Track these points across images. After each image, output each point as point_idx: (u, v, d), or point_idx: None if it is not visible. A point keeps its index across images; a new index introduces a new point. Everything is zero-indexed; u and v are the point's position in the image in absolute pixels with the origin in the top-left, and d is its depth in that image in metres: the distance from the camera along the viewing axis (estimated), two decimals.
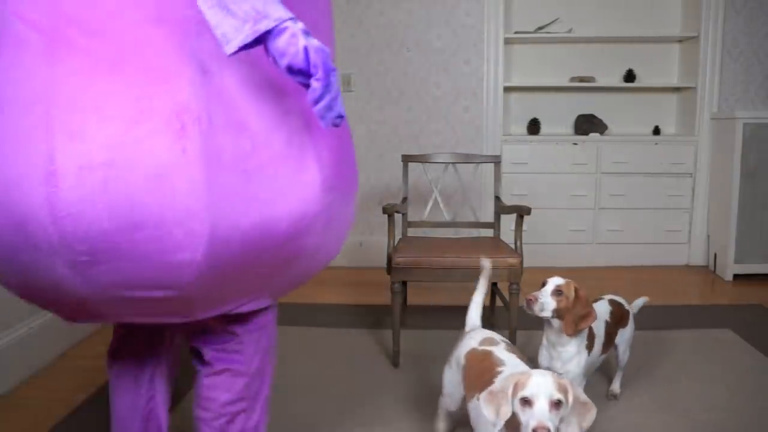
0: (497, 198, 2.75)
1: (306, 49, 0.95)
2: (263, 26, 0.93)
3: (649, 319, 2.79)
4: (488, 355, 1.45)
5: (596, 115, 3.96)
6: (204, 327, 1.26)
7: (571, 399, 1.17)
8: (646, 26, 3.89)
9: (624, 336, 1.96)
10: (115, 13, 0.96)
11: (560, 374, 1.68)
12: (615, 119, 4.01)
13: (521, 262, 2.24)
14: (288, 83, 1.10)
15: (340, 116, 1.02)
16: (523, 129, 4.02)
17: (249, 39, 0.93)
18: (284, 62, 0.96)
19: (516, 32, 3.83)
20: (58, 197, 0.91)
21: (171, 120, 0.94)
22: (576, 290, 1.64)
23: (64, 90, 0.93)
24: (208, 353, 1.28)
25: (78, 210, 0.92)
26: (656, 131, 3.90)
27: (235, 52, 0.95)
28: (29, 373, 2.26)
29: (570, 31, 3.85)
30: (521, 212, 2.41)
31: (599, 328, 1.81)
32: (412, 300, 3.17)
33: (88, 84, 0.93)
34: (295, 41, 0.95)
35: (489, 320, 2.82)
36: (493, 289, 2.78)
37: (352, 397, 2.07)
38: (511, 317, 2.26)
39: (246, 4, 0.93)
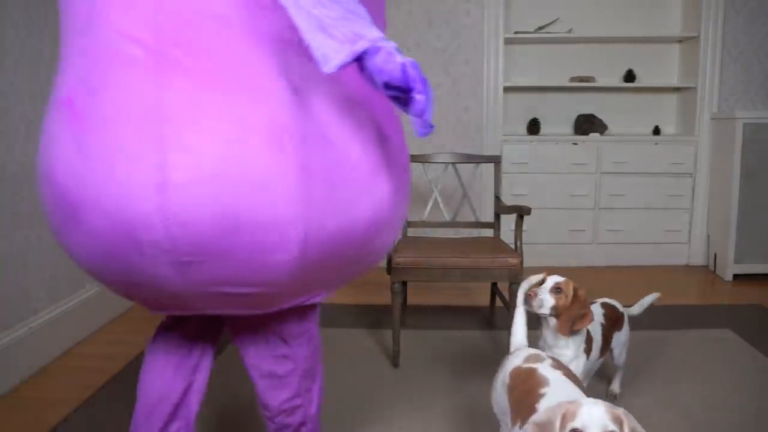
0: (497, 198, 2.75)
1: (404, 66, 1.02)
2: (360, 47, 1.01)
3: (649, 319, 2.79)
4: (532, 373, 1.35)
5: (596, 115, 3.96)
6: (257, 332, 1.33)
7: (627, 431, 1.05)
8: (646, 26, 3.89)
9: (619, 339, 1.94)
10: (217, 34, 1.04)
11: None
12: (615, 119, 4.01)
13: (521, 262, 2.24)
14: (359, 98, 1.20)
15: (432, 126, 1.09)
16: (523, 129, 4.02)
17: (348, 59, 1.01)
18: (382, 78, 1.03)
19: (516, 32, 3.83)
20: (169, 205, 1.01)
21: (271, 137, 1.04)
22: (575, 290, 1.62)
23: (173, 108, 1.01)
24: (258, 360, 1.36)
25: (187, 217, 1.01)
26: (656, 131, 3.90)
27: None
28: (29, 373, 2.26)
29: (570, 31, 3.85)
30: (521, 212, 2.41)
31: (596, 332, 1.78)
32: (412, 300, 3.17)
33: (196, 102, 1.02)
34: (392, 59, 1.02)
35: (489, 320, 2.82)
36: (493, 289, 2.78)
37: (352, 397, 2.07)
38: (511, 317, 2.26)
39: (345, 28, 1.01)
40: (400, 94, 1.05)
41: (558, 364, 1.39)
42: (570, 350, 1.66)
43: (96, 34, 1.04)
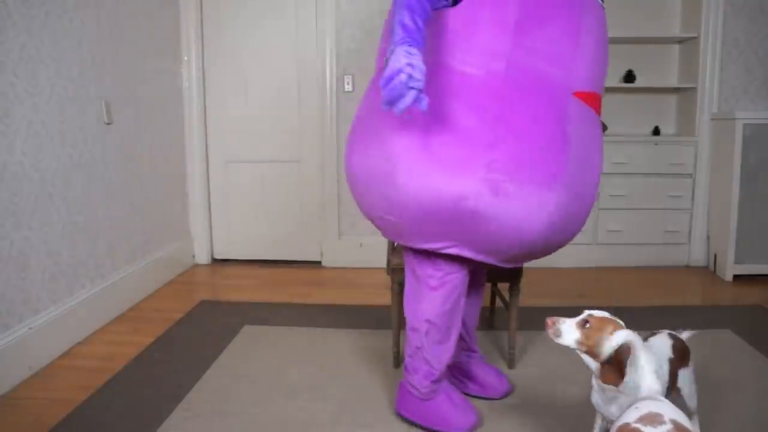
0: None
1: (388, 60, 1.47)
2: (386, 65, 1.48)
3: (649, 320, 2.78)
4: None
5: None
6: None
7: None
8: (646, 26, 3.89)
9: (687, 377, 1.63)
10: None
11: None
12: (615, 119, 4.01)
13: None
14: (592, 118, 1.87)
15: (396, 106, 1.46)
16: None
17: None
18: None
19: None
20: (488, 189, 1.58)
21: (553, 142, 1.63)
22: (613, 329, 1.37)
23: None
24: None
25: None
26: (656, 131, 3.90)
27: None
28: (29, 373, 2.26)
29: None
30: None
31: (663, 367, 1.53)
32: None
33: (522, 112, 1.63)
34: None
35: (489, 320, 2.82)
36: (493, 290, 2.78)
37: (353, 397, 2.07)
38: (510, 318, 2.26)
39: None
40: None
41: None
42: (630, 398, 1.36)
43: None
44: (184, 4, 3.75)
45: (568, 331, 1.42)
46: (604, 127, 3.99)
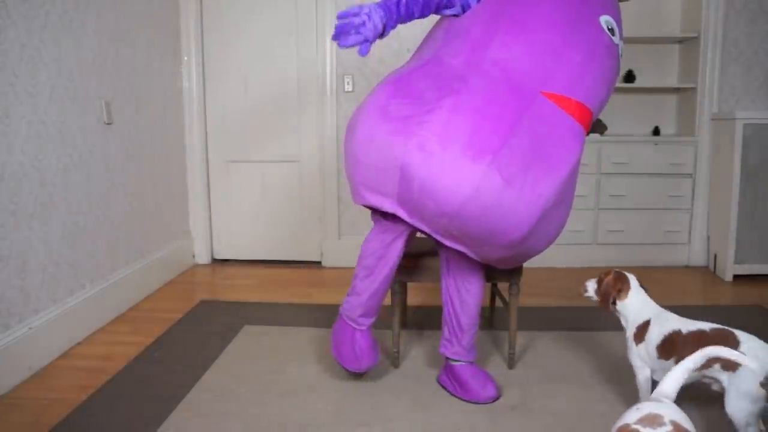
0: None
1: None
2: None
3: None
4: None
5: None
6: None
7: None
8: (646, 26, 3.90)
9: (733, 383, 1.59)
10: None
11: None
12: (615, 119, 4.01)
13: None
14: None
15: (341, 40, 1.73)
16: None
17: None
18: None
19: None
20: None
21: (497, 122, 1.76)
22: (612, 279, 1.97)
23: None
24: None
25: None
26: (656, 131, 3.90)
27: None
28: (29, 373, 2.26)
29: None
30: None
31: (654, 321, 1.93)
32: (412, 300, 3.17)
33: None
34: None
35: (489, 320, 2.82)
36: (493, 290, 2.78)
37: (352, 397, 2.08)
38: (510, 317, 2.26)
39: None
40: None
41: None
42: (627, 333, 1.95)
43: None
44: (184, 5, 3.76)
45: (590, 285, 2.03)
46: (604, 127, 4.00)
